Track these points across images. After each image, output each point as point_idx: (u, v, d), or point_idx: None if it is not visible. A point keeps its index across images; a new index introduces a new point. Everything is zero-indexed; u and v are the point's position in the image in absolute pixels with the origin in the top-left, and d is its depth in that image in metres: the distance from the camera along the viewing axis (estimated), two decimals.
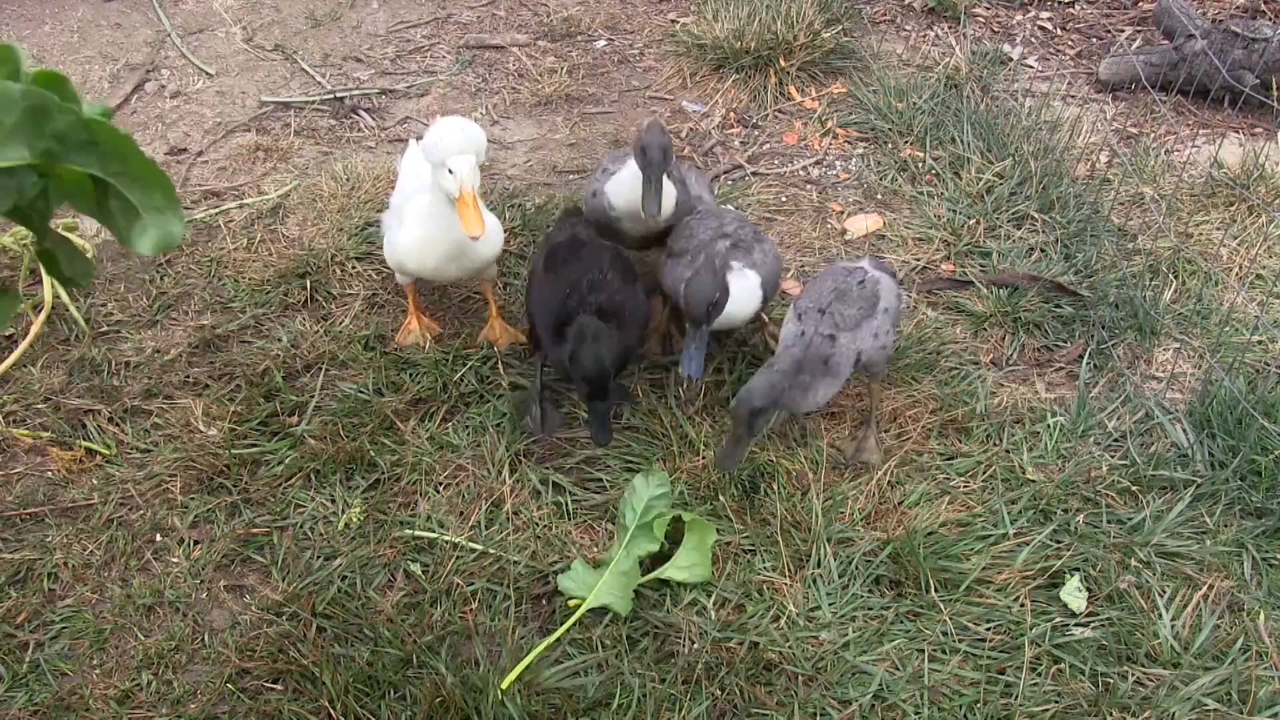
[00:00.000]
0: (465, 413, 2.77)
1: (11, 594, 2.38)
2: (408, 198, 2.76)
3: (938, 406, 2.79)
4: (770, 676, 2.21)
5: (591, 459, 2.66)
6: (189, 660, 2.27)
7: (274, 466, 2.63)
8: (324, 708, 2.14)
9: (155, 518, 2.54)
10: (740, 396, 2.39)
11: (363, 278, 3.17)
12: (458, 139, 2.49)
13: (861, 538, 2.46)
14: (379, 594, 2.37)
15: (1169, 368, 2.95)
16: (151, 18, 4.45)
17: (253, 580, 2.43)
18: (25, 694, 2.20)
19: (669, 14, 4.53)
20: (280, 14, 4.52)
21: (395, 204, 2.87)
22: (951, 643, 2.28)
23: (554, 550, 2.44)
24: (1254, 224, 3.43)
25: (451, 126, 2.52)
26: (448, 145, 2.49)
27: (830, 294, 2.52)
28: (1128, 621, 2.32)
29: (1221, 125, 3.98)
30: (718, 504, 2.54)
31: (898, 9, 4.60)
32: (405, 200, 2.77)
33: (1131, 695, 2.19)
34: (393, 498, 2.58)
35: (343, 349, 2.93)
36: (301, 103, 4.00)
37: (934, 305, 3.14)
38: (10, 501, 2.58)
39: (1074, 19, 4.61)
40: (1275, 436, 2.62)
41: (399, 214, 2.77)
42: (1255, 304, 3.17)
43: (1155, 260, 3.26)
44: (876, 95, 3.93)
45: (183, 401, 2.79)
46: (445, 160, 2.49)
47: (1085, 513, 2.54)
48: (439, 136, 2.51)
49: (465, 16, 4.53)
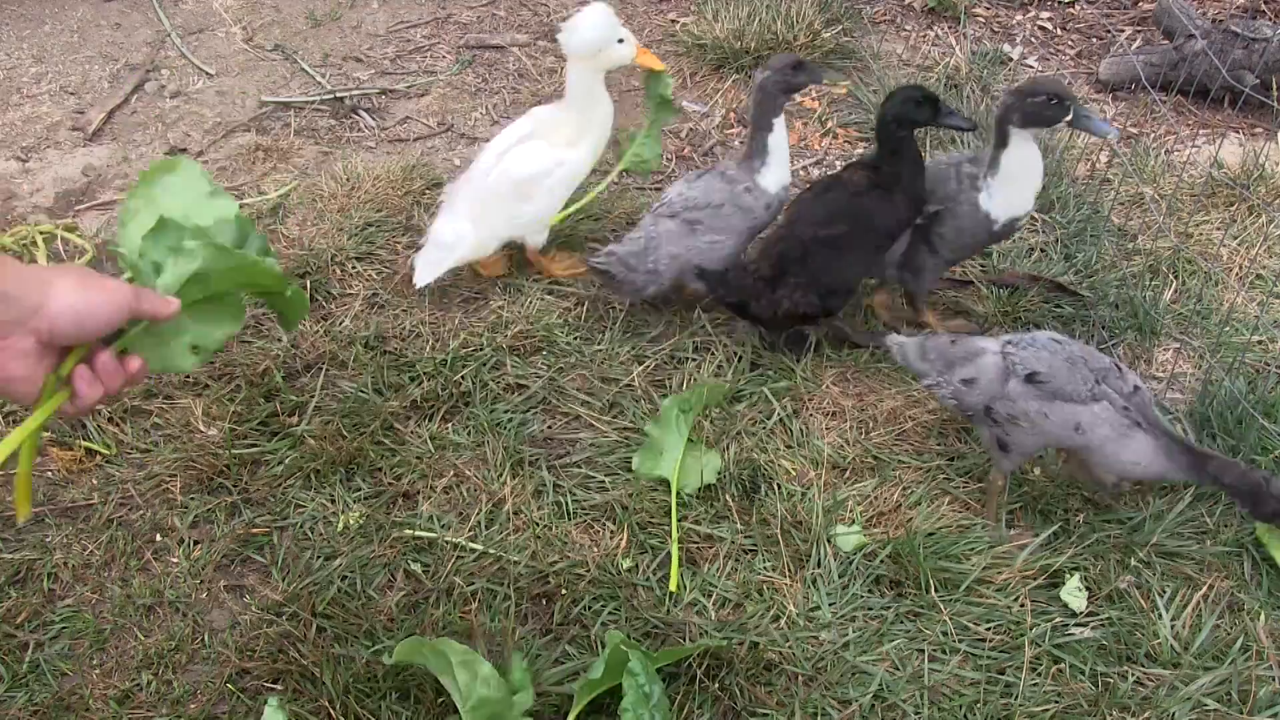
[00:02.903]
0: (465, 413, 2.77)
1: (11, 594, 2.38)
2: (546, 173, 3.00)
3: (938, 406, 2.79)
4: (770, 676, 2.21)
5: (591, 459, 2.67)
6: (189, 660, 2.27)
7: (274, 466, 2.63)
8: (324, 708, 2.14)
9: (155, 518, 2.54)
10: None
11: (363, 278, 3.17)
12: (611, 18, 2.91)
13: (861, 537, 2.46)
14: (379, 594, 2.37)
15: (1169, 368, 2.95)
16: (151, 18, 4.45)
17: (253, 580, 2.43)
18: (25, 694, 2.20)
19: (669, 14, 4.53)
20: (280, 14, 4.52)
21: (527, 176, 2.99)
22: (951, 643, 2.28)
23: (554, 550, 2.44)
24: (1254, 224, 3.43)
25: (600, 12, 2.90)
26: (612, 23, 2.90)
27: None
28: (1128, 621, 2.32)
29: (1221, 125, 3.98)
30: (718, 504, 2.54)
31: (898, 9, 4.60)
32: (546, 175, 3.00)
33: (1131, 695, 2.19)
34: (393, 498, 2.58)
35: (343, 349, 2.93)
36: (301, 103, 4.00)
37: (934, 305, 3.14)
38: (10, 501, 2.57)
39: (1074, 19, 4.62)
40: (1275, 436, 2.62)
41: (538, 186, 3.00)
42: (1255, 304, 3.17)
43: (1155, 260, 3.26)
44: (876, 95, 3.93)
45: (183, 401, 2.79)
46: (614, 37, 2.90)
47: (1085, 513, 2.54)
48: (601, 20, 2.88)
49: (465, 16, 4.53)
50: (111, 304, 1.34)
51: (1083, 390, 2.32)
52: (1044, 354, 2.37)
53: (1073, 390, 2.32)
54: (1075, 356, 2.37)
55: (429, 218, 3.38)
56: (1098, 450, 2.36)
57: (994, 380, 2.40)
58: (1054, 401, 2.34)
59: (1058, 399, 2.33)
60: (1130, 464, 2.36)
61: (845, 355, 2.94)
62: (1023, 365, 2.37)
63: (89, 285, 1.32)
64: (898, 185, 2.80)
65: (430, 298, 3.12)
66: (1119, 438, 2.34)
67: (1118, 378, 2.36)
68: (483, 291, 3.13)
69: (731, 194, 2.94)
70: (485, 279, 3.16)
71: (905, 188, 2.81)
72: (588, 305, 3.08)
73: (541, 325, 2.99)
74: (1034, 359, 2.37)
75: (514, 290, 3.13)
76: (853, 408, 2.79)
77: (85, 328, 1.33)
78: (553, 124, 3.03)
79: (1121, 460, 2.36)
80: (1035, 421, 2.35)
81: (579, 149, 3.02)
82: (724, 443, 2.67)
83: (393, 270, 3.19)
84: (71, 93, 4.04)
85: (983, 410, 2.42)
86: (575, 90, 2.98)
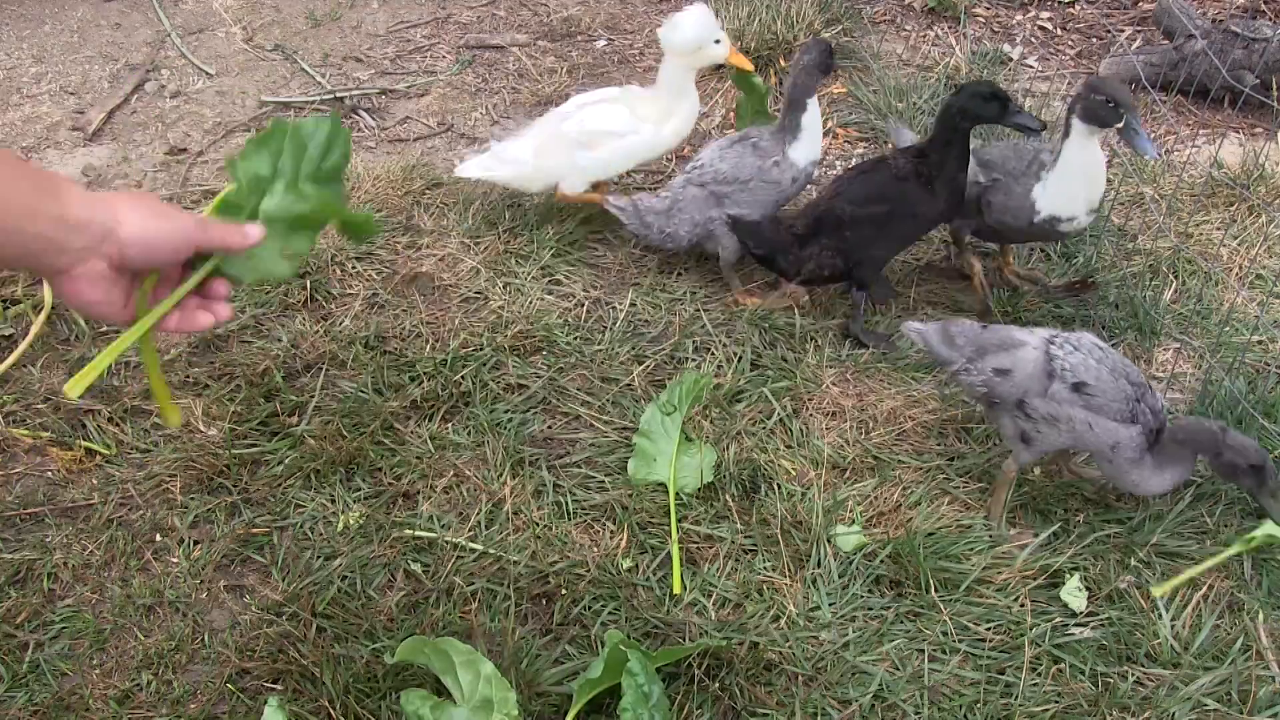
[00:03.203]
0: (465, 413, 2.77)
1: (11, 594, 2.38)
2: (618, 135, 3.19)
3: (938, 406, 2.79)
4: (770, 676, 2.21)
5: (591, 459, 2.67)
6: (189, 660, 2.27)
7: (274, 466, 2.63)
8: (324, 708, 2.14)
9: (155, 518, 2.54)
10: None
11: (363, 278, 3.17)
12: (711, 19, 3.10)
13: (861, 537, 2.46)
14: (379, 594, 2.37)
15: (1169, 368, 2.95)
16: (151, 18, 4.45)
17: (253, 580, 2.43)
18: (25, 694, 2.20)
19: (669, 14, 4.53)
20: (280, 14, 4.52)
21: (600, 130, 3.18)
22: (951, 643, 2.28)
23: (554, 550, 2.44)
24: (1254, 224, 3.43)
25: (702, 12, 3.09)
26: (712, 24, 3.09)
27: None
28: (1128, 621, 2.32)
29: (1221, 125, 3.98)
30: (718, 504, 2.54)
31: (898, 9, 4.60)
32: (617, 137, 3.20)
33: (1131, 695, 2.19)
34: (393, 498, 2.58)
35: (343, 349, 2.93)
36: (301, 103, 4.00)
37: (934, 305, 3.14)
38: (10, 501, 2.58)
39: (1074, 19, 4.62)
40: (1275, 436, 2.62)
41: (604, 144, 3.20)
42: (1255, 304, 3.17)
43: (1155, 260, 3.26)
44: (876, 95, 3.93)
45: (183, 401, 2.79)
46: (712, 37, 3.08)
47: (1085, 513, 2.54)
48: (703, 19, 3.07)
49: (465, 16, 4.53)
50: (177, 234, 1.35)
51: (1124, 410, 2.33)
52: (1091, 362, 2.35)
53: (1116, 409, 2.33)
54: (1118, 367, 2.37)
55: (429, 217, 3.38)
56: (1118, 470, 2.38)
57: (1033, 376, 2.38)
58: (1098, 415, 2.34)
59: (1101, 414, 2.34)
60: (1136, 487, 2.41)
61: (845, 355, 2.94)
62: (1071, 372, 2.35)
63: (157, 214, 1.33)
64: (939, 177, 2.84)
65: (430, 297, 3.12)
66: (1140, 466, 2.37)
67: (1152, 396, 2.38)
68: (483, 291, 3.13)
69: (760, 169, 3.04)
70: (485, 278, 3.16)
71: (946, 181, 2.84)
72: (588, 305, 3.09)
73: (541, 325, 2.99)
74: (1082, 368, 2.35)
75: (514, 290, 3.13)
76: (853, 408, 2.79)
77: (154, 257, 1.35)
78: (641, 100, 3.22)
79: (1133, 483, 2.40)
80: (1077, 431, 2.35)
81: (659, 129, 3.20)
82: (724, 442, 2.67)
83: (393, 270, 3.19)
84: (71, 93, 4.04)
85: (1015, 403, 2.40)
86: (668, 83, 3.18)
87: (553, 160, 3.20)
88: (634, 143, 3.20)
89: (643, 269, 3.23)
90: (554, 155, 3.20)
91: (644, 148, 3.22)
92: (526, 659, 2.21)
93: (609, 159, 3.21)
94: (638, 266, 3.24)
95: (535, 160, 3.20)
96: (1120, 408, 2.33)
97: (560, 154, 3.19)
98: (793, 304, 3.07)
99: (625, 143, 3.19)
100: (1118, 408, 2.33)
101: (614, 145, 3.18)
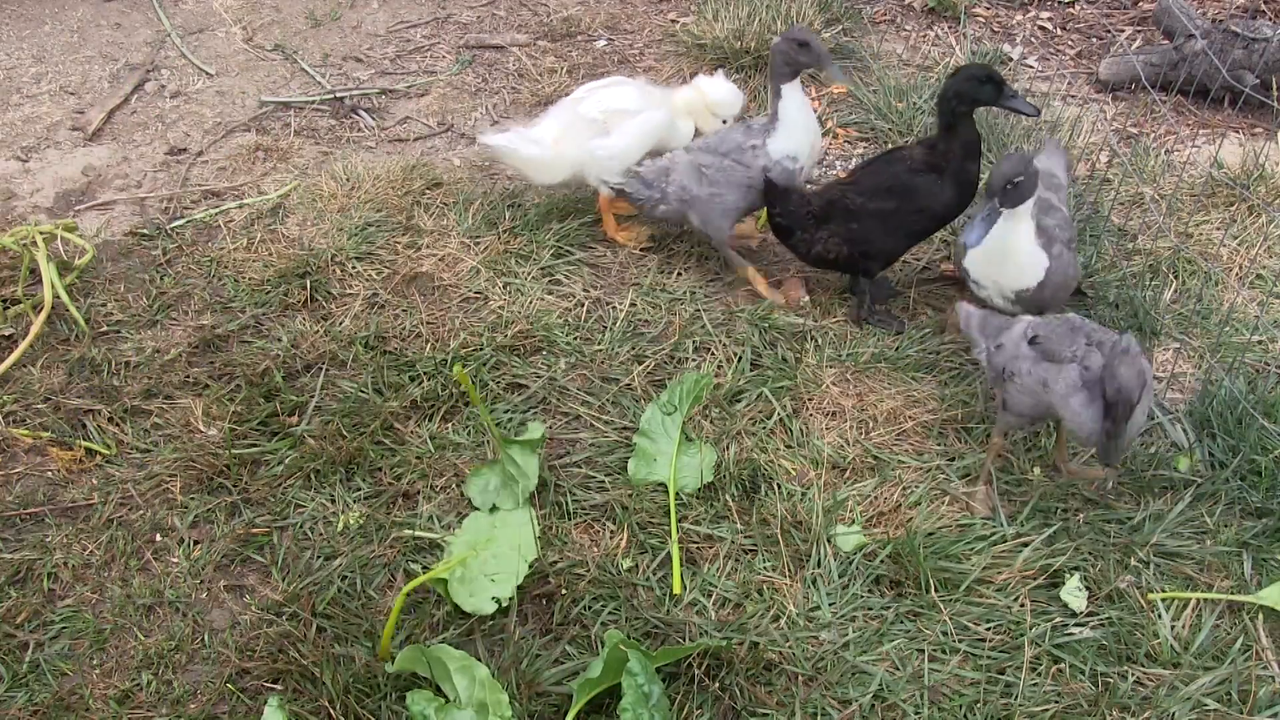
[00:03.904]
0: (465, 413, 2.77)
1: (11, 594, 2.38)
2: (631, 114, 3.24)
3: (937, 406, 2.79)
4: (770, 676, 2.21)
5: (591, 459, 2.67)
6: (189, 660, 2.27)
7: (274, 466, 2.63)
8: (324, 708, 2.14)
9: (155, 518, 2.54)
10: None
11: (363, 278, 3.17)
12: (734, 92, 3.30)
13: (861, 537, 2.46)
14: (379, 594, 2.37)
15: (1169, 368, 2.95)
16: (151, 18, 4.45)
17: (253, 580, 2.43)
18: (25, 694, 2.20)
19: (669, 14, 4.53)
20: (280, 14, 4.52)
21: (611, 109, 3.24)
22: (951, 643, 2.28)
23: (554, 550, 2.44)
24: (1254, 224, 3.43)
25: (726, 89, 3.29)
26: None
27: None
28: (1128, 621, 2.32)
29: (1221, 125, 3.98)
30: (718, 504, 2.54)
31: (898, 9, 4.60)
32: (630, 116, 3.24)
33: (1131, 695, 2.19)
34: (393, 498, 2.58)
35: (343, 349, 2.93)
36: (301, 103, 4.00)
37: (934, 304, 3.14)
38: (10, 501, 2.58)
39: (1074, 19, 4.62)
40: (1275, 436, 2.62)
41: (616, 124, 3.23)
42: (1255, 304, 3.17)
43: (1155, 260, 3.26)
44: (876, 95, 3.93)
45: (183, 401, 2.79)
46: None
47: (1085, 513, 2.54)
48: (730, 94, 3.27)
49: (465, 16, 4.53)
50: None
51: (1065, 353, 2.38)
52: (1054, 322, 2.47)
53: (1059, 352, 2.39)
54: (1079, 327, 2.43)
55: (429, 217, 3.38)
56: (1062, 406, 2.39)
57: (1016, 344, 2.50)
58: (1041, 362, 2.41)
59: (1044, 360, 2.41)
60: (1072, 420, 2.39)
61: (845, 355, 2.94)
62: (1032, 329, 2.47)
63: None
64: (949, 166, 2.84)
65: (430, 297, 3.12)
66: (1073, 394, 2.37)
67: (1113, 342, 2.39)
68: (483, 291, 3.13)
69: (739, 147, 3.05)
70: (485, 278, 3.16)
71: (955, 171, 2.84)
72: (588, 305, 3.09)
73: (541, 325, 2.99)
74: (1043, 325, 2.47)
75: (514, 290, 3.13)
76: (853, 408, 2.79)
77: None
78: (662, 95, 3.33)
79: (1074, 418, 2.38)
80: (1023, 379, 2.43)
81: (675, 119, 3.28)
82: (724, 442, 2.67)
83: (393, 270, 3.19)
84: (71, 93, 4.04)
85: (1001, 371, 2.51)
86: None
87: (572, 146, 3.22)
88: (644, 122, 3.22)
89: (643, 269, 3.23)
90: (573, 141, 3.22)
91: (659, 127, 3.25)
92: (526, 659, 2.21)
93: (624, 144, 3.21)
94: (638, 266, 3.24)
95: (554, 148, 3.23)
96: (1062, 352, 2.40)
97: (578, 139, 3.21)
98: (788, 305, 3.08)
99: (636, 122, 3.21)
100: (1059, 352, 2.39)
101: (624, 126, 3.21)
